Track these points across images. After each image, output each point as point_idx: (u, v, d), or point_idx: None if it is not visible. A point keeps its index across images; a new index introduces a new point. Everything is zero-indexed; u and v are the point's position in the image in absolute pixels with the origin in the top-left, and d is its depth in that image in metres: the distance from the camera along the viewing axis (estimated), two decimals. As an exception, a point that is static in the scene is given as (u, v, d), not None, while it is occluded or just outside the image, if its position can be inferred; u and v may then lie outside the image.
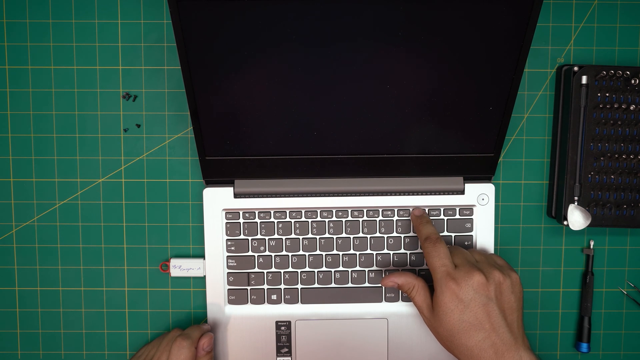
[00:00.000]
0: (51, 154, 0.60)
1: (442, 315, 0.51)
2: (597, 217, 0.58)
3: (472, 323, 0.50)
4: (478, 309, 0.50)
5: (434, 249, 0.53)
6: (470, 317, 0.50)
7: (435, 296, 0.52)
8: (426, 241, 0.54)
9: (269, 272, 0.60)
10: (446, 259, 0.52)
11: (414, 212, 0.59)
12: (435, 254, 0.53)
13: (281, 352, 0.60)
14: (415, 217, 0.59)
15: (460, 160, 0.58)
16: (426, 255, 0.54)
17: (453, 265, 0.52)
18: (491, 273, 0.52)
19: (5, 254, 0.61)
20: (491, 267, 0.52)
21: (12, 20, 0.59)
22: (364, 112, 0.54)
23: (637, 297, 0.62)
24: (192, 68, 0.51)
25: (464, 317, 0.50)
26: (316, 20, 0.48)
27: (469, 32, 0.50)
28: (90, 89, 0.60)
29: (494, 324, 0.50)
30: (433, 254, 0.53)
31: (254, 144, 0.56)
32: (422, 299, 0.54)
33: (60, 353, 0.62)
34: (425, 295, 0.54)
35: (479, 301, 0.50)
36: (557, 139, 0.60)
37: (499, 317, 0.50)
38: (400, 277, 0.55)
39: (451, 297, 0.51)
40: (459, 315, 0.50)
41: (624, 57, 0.61)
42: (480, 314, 0.50)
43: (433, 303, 0.53)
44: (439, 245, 0.53)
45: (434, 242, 0.54)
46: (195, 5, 0.47)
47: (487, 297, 0.50)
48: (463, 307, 0.50)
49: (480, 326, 0.50)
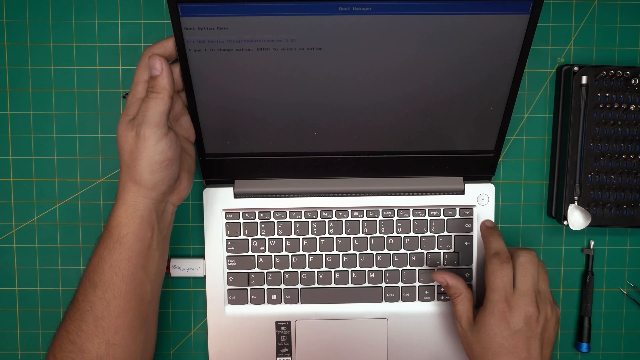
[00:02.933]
0: (51, 154, 0.60)
1: (484, 335, 0.51)
2: (597, 217, 0.58)
3: (510, 350, 0.50)
4: (521, 341, 0.50)
5: (500, 269, 0.52)
6: (511, 345, 0.50)
7: (483, 314, 0.52)
8: (494, 257, 0.52)
9: (269, 272, 0.60)
10: (509, 282, 0.51)
11: (485, 222, 0.58)
12: (499, 275, 0.51)
13: (281, 352, 0.60)
14: (486, 228, 0.57)
15: (460, 160, 0.58)
16: (490, 271, 0.52)
17: (512, 289, 0.51)
18: (544, 308, 0.52)
19: (5, 254, 0.61)
20: (546, 302, 0.52)
21: (12, 20, 0.59)
22: (364, 112, 0.54)
23: (637, 297, 0.62)
24: (192, 68, 0.51)
25: (505, 343, 0.50)
26: (316, 21, 0.48)
27: (469, 33, 0.49)
28: (90, 89, 0.60)
29: (530, 356, 0.50)
30: (497, 274, 0.51)
31: (254, 144, 0.56)
32: (464, 309, 0.54)
33: (60, 353, 0.62)
34: (469, 307, 0.54)
35: (525, 334, 0.50)
36: (557, 139, 0.60)
37: (537, 352, 0.51)
38: (452, 279, 0.55)
39: (500, 322, 0.51)
40: (501, 340, 0.51)
41: (624, 57, 0.61)
42: (521, 345, 0.50)
43: (476, 318, 0.53)
44: (506, 266, 0.52)
45: (503, 262, 0.52)
46: (195, 5, 0.47)
47: (533, 332, 0.51)
48: (508, 335, 0.50)
49: (517, 355, 0.50)
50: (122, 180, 0.49)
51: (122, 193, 0.49)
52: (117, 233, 0.48)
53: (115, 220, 0.49)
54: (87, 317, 0.48)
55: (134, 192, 0.48)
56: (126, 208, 0.48)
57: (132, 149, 0.48)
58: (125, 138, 0.48)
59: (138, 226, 0.49)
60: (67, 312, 0.50)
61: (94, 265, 0.49)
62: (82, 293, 0.49)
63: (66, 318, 0.50)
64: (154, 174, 0.48)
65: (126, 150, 0.48)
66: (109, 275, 0.48)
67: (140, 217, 0.49)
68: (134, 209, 0.48)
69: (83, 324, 0.48)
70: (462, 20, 0.49)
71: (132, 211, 0.48)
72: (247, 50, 0.50)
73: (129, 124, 0.48)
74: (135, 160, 0.48)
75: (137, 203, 0.48)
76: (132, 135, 0.48)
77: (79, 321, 0.48)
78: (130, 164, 0.48)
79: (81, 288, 0.49)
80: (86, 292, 0.49)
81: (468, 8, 0.48)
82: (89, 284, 0.49)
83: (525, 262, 0.52)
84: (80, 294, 0.49)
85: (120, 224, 0.48)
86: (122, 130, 0.48)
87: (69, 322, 0.49)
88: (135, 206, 0.48)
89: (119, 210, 0.49)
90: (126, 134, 0.48)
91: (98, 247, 0.49)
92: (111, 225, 0.49)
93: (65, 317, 0.50)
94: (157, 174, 0.48)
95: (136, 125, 0.47)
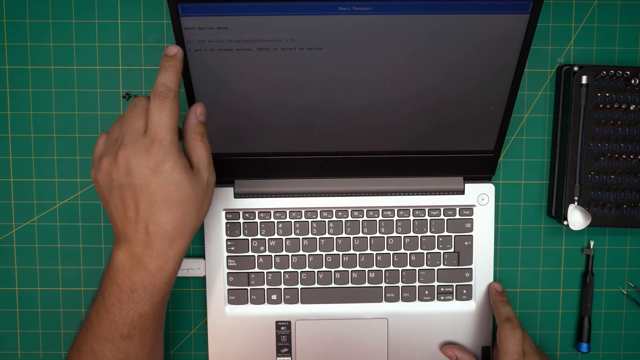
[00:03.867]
0: (51, 154, 0.60)
1: None
2: (597, 217, 0.58)
3: None
4: None
5: (513, 334, 0.54)
6: None
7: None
8: (506, 322, 0.55)
9: (269, 272, 0.60)
10: (520, 347, 0.54)
11: (494, 285, 0.60)
12: (512, 339, 0.54)
13: (281, 352, 0.60)
14: (496, 293, 0.59)
15: (460, 160, 0.58)
16: (502, 336, 0.55)
17: (523, 353, 0.54)
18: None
19: (5, 254, 0.61)
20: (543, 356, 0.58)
21: (12, 20, 0.59)
22: (364, 112, 0.54)
23: (637, 297, 0.62)
24: (192, 68, 0.51)
25: None
26: (316, 21, 0.48)
27: (469, 32, 0.49)
28: (90, 89, 0.60)
29: None
30: (510, 339, 0.54)
31: (254, 144, 0.56)
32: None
33: (60, 353, 0.62)
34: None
35: None
36: (557, 139, 0.60)
37: None
38: (462, 353, 0.59)
39: None
40: None
41: (624, 57, 0.61)
42: None
43: None
44: (517, 331, 0.55)
45: (514, 327, 0.55)
46: (195, 5, 0.47)
47: None
48: None
49: None
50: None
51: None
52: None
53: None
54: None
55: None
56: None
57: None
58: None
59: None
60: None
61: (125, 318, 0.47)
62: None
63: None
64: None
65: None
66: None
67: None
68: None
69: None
70: (461, 20, 0.49)
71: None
72: (247, 50, 0.50)
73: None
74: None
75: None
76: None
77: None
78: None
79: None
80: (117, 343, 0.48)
81: (468, 8, 0.48)
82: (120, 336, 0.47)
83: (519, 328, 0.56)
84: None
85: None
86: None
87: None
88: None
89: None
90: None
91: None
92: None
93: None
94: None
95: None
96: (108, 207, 0.47)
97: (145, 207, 0.45)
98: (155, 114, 0.45)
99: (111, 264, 0.47)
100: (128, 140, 0.45)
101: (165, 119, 0.45)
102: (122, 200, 0.45)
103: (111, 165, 0.45)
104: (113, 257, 0.47)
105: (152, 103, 0.45)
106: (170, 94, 0.45)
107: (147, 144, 0.44)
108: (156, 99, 0.45)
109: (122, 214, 0.45)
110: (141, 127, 0.45)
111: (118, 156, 0.45)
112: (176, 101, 0.45)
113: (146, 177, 0.44)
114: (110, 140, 0.47)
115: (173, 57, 0.46)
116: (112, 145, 0.46)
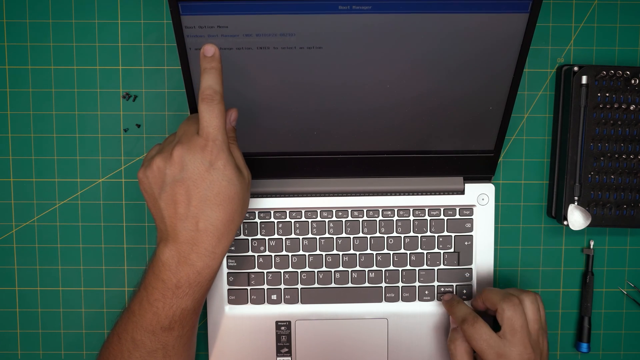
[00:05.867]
0: (51, 154, 0.60)
1: None
2: (597, 217, 0.58)
3: None
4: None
5: (475, 331, 0.51)
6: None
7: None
8: (464, 323, 0.53)
9: (269, 272, 0.60)
10: (490, 337, 0.51)
11: (443, 297, 0.59)
12: (477, 336, 0.51)
13: (281, 352, 0.60)
14: (445, 302, 0.58)
15: (460, 160, 0.58)
16: (468, 338, 0.52)
17: (497, 338, 0.51)
18: (542, 343, 0.52)
19: (5, 254, 0.61)
20: (541, 332, 0.53)
21: (12, 20, 0.59)
22: (364, 112, 0.54)
23: (637, 297, 0.62)
24: (192, 68, 0.51)
25: None
26: (316, 20, 0.48)
27: (469, 31, 0.50)
28: (90, 89, 0.60)
29: None
30: (475, 337, 0.51)
31: (254, 144, 0.56)
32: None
33: (60, 353, 0.62)
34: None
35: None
36: (557, 139, 0.60)
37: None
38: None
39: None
40: None
41: (624, 57, 0.61)
42: None
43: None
44: (477, 325, 0.52)
45: (472, 323, 0.52)
46: (195, 4, 0.47)
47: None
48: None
49: None
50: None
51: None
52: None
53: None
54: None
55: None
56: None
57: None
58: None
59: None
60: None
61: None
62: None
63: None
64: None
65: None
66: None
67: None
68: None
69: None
70: (461, 18, 0.49)
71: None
72: (247, 49, 0.50)
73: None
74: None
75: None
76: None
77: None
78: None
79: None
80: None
81: (467, 7, 0.48)
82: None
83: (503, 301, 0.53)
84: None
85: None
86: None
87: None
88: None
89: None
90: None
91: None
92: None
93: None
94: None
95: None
96: (157, 205, 0.48)
97: (197, 204, 0.46)
98: (205, 116, 0.46)
99: (156, 260, 0.48)
100: (184, 140, 0.47)
101: (215, 121, 0.46)
102: (174, 197, 0.47)
103: (166, 162, 0.47)
104: (158, 254, 0.48)
105: (201, 106, 0.47)
106: (217, 97, 0.47)
107: (202, 143, 0.46)
108: (205, 102, 0.46)
109: (173, 211, 0.47)
110: (195, 130, 0.47)
111: (173, 153, 0.47)
112: (223, 102, 0.47)
113: (200, 172, 0.46)
114: (164, 143, 0.49)
115: (213, 58, 0.47)
116: (167, 146, 0.48)
